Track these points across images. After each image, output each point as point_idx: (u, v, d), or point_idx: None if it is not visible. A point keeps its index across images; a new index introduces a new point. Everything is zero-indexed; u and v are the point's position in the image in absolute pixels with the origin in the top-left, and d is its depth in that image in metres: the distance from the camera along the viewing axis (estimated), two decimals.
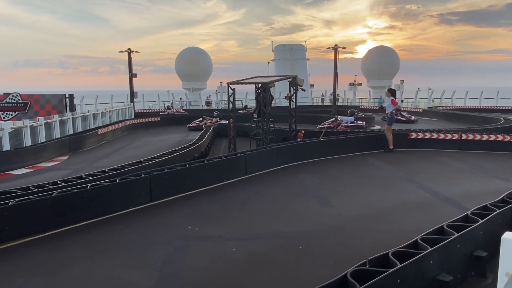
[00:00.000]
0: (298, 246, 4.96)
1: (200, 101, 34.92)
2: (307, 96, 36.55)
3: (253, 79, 11.95)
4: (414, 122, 21.06)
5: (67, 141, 13.71)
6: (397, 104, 12.07)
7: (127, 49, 25.79)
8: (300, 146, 10.87)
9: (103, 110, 20.63)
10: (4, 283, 4.10)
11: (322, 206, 6.77)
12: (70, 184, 6.56)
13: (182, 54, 38.49)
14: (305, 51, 43.11)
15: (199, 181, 7.59)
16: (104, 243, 5.22)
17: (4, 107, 16.59)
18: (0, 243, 4.98)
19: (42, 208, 5.52)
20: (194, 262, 4.58)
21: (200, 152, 11.12)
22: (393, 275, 3.10)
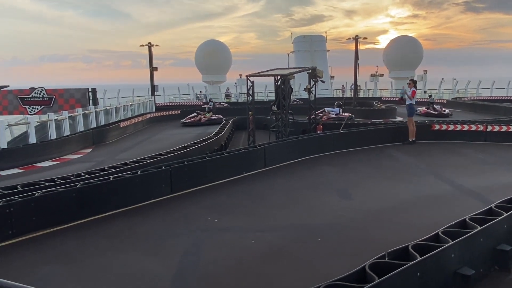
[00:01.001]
0: (316, 238, 4.95)
1: (220, 94, 35.04)
2: (327, 88, 36.18)
3: (272, 71, 11.91)
4: (448, 116, 19.05)
5: (90, 134, 14.03)
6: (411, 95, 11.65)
7: (148, 43, 26.06)
8: (319, 139, 10.79)
9: (125, 103, 20.98)
10: (31, 271, 4.26)
11: (342, 199, 6.72)
12: (93, 176, 6.73)
13: (201, 47, 38.61)
14: (325, 42, 42.56)
15: (218, 173, 7.65)
16: (126, 233, 5.34)
17: (30, 101, 17.09)
18: (28, 233, 5.16)
19: (67, 199, 5.68)
20: (213, 253, 4.63)
21: (220, 144, 11.19)
22: (412, 268, 3.06)
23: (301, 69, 12.30)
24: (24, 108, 16.95)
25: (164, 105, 27.22)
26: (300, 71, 12.10)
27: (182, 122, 19.20)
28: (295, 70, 12.10)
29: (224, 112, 21.67)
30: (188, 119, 19.24)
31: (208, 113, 19.58)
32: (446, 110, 20.40)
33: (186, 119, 19.40)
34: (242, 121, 16.37)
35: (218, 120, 18.74)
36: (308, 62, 37.93)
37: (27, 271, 4.22)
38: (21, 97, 17.04)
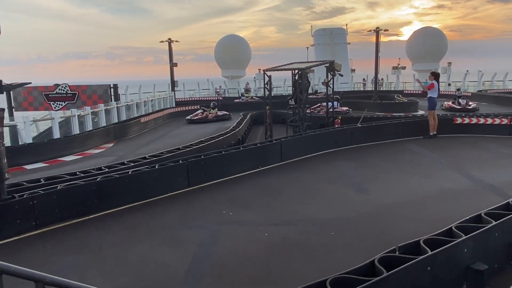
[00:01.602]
0: (330, 232, 4.96)
1: (239, 88, 35.14)
2: (347, 81, 35.77)
3: (289, 65, 11.88)
4: (473, 111, 17.04)
5: (112, 129, 14.37)
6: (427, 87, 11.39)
7: (168, 39, 26.36)
8: (337, 133, 10.73)
9: (146, 99, 21.34)
10: (53, 260, 4.44)
11: (357, 193, 6.69)
12: (113, 170, 6.92)
13: (221, 42, 38.77)
14: (345, 35, 42.04)
15: (234, 168, 7.73)
16: (144, 225, 5.48)
17: (55, 97, 17.61)
18: (50, 224, 5.37)
19: (87, 192, 5.87)
20: (227, 245, 4.72)
21: (237, 139, 11.28)
22: (422, 262, 3.05)
23: (319, 62, 12.22)
24: (49, 104, 17.49)
25: (184, 100, 27.53)
26: (318, 65, 12.03)
27: (188, 120, 18.56)
28: (313, 64, 12.03)
29: (245, 107, 21.77)
30: (194, 116, 18.66)
31: (213, 110, 19.09)
32: (472, 104, 18.85)
33: (193, 116, 18.79)
34: (260, 115, 16.41)
35: (225, 116, 18.52)
36: (328, 55, 37.57)
37: (49, 261, 4.41)
38: (46, 94, 17.59)
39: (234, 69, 37.78)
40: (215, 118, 18.41)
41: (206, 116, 18.35)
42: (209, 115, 18.48)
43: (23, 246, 4.84)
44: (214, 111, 19.00)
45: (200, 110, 19.09)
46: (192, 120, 18.32)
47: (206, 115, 18.45)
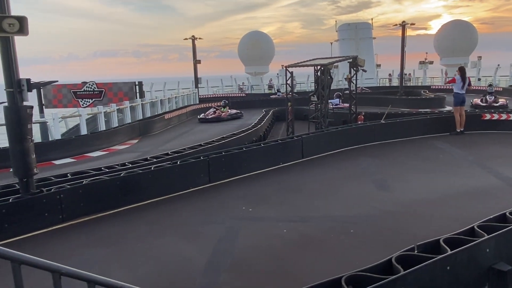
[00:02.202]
0: (349, 230, 4.92)
1: (262, 85, 35.13)
2: (372, 76, 35.14)
3: (311, 61, 11.78)
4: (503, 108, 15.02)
5: (137, 126, 14.68)
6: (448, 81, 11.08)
7: (191, 37, 26.61)
8: (360, 129, 10.57)
9: (170, 96, 21.66)
10: (78, 252, 4.61)
11: (379, 190, 6.59)
12: (136, 166, 7.09)
13: (244, 39, 38.81)
14: (371, 30, 41.24)
15: (255, 164, 7.76)
16: (165, 220, 5.61)
17: (82, 95, 18.15)
18: (76, 218, 5.56)
19: (111, 187, 6.05)
20: (246, 241, 4.76)
21: (259, 135, 11.31)
22: (442, 261, 2.98)
23: (342, 58, 12.07)
24: (77, 101, 18.04)
25: (207, 97, 27.78)
26: (340, 60, 11.89)
27: (201, 119, 17.93)
28: (335, 60, 11.90)
29: (267, 103, 21.74)
30: (208, 115, 17.98)
31: (224, 108, 18.54)
32: (501, 100, 17.09)
33: (206, 115, 18.11)
34: (282, 112, 16.39)
35: (238, 114, 18.20)
36: (353, 50, 36.98)
37: (74, 253, 4.58)
38: (74, 91, 18.14)
39: (258, 66, 37.76)
40: (229, 116, 18.00)
41: (219, 115, 17.88)
42: (222, 114, 18.02)
43: (50, 239, 5.04)
44: (226, 109, 18.53)
45: (213, 109, 18.61)
46: (206, 119, 17.73)
47: (219, 114, 17.98)
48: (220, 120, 17.40)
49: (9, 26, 4.50)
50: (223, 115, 17.85)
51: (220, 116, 17.71)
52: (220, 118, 17.60)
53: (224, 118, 17.68)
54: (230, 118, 17.77)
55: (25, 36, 4.74)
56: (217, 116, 17.77)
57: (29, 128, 5.29)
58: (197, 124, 17.53)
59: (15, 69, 5.01)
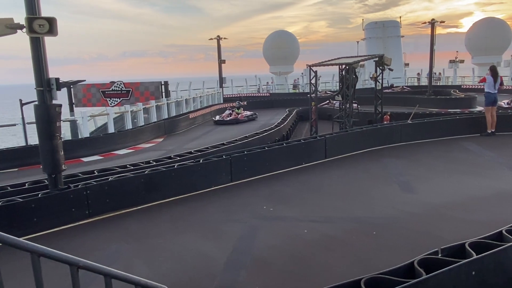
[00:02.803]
0: (371, 232, 4.83)
1: (286, 84, 35.02)
2: (400, 76, 34.42)
3: (336, 60, 11.65)
4: None
5: (162, 125, 14.94)
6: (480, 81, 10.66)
7: (216, 37, 26.84)
8: (385, 129, 10.36)
9: (195, 95, 21.91)
10: (102, 247, 4.73)
11: (404, 192, 6.43)
12: (160, 163, 7.22)
13: (269, 38, 38.79)
14: (399, 28, 40.41)
15: (277, 164, 7.74)
16: (187, 217, 5.67)
17: (111, 94, 18.61)
18: (102, 213, 5.71)
19: (136, 184, 6.17)
20: (266, 240, 4.75)
21: (281, 135, 11.28)
22: (466, 266, 2.88)
23: (367, 56, 11.87)
24: (105, 100, 18.52)
25: (231, 97, 27.95)
26: (366, 59, 11.69)
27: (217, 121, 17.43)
28: (361, 58, 11.71)
29: (290, 103, 21.66)
30: (226, 117, 17.43)
31: (238, 109, 18.01)
32: None
33: (224, 116, 17.55)
34: (306, 111, 16.27)
35: (253, 116, 17.88)
36: (380, 49, 36.34)
37: (98, 248, 4.70)
38: (103, 90, 18.63)
39: (282, 65, 37.66)
40: (245, 118, 17.53)
41: (236, 117, 17.39)
42: (238, 116, 17.53)
43: (77, 233, 5.20)
44: (240, 110, 18.04)
45: (228, 111, 18.13)
46: (224, 121, 17.17)
47: (235, 116, 17.47)
48: (238, 122, 17.00)
49: (39, 27, 4.66)
50: (239, 117, 17.43)
51: (237, 118, 17.33)
52: (238, 120, 17.22)
53: (241, 120, 17.30)
54: (247, 120, 17.42)
55: (54, 36, 4.90)
56: (234, 118, 17.36)
57: (58, 125, 5.47)
58: (221, 123, 17.63)
59: (45, 69, 5.20)
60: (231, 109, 18.14)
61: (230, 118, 17.28)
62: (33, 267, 1.53)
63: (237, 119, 17.15)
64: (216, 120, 17.52)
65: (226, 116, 17.53)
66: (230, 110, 18.08)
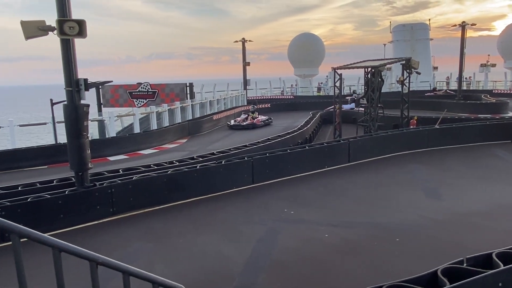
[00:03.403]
0: (394, 238, 4.73)
1: (311, 87, 34.78)
2: (428, 79, 33.58)
3: (362, 63, 11.48)
4: None
5: (186, 126, 15.11)
6: None
7: (241, 39, 26.96)
8: (411, 134, 10.13)
9: (219, 97, 22.06)
10: (125, 244, 4.82)
11: (429, 199, 6.27)
12: (183, 164, 7.30)
13: (294, 41, 38.64)
14: (428, 31, 39.42)
15: (299, 166, 7.69)
16: (207, 218, 5.71)
17: (137, 95, 18.97)
18: (125, 211, 5.82)
19: (159, 184, 6.26)
20: (285, 243, 4.73)
21: (304, 138, 11.20)
22: (494, 276, 2.78)
23: (394, 59, 11.65)
24: (132, 101, 18.91)
25: (255, 99, 27.98)
26: (393, 62, 11.48)
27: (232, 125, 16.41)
28: (387, 61, 11.50)
29: (312, 106, 21.48)
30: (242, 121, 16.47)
31: (253, 113, 17.05)
32: None
33: (241, 121, 16.55)
34: (330, 114, 16.11)
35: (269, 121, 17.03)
36: (408, 52, 35.56)
37: (121, 246, 4.80)
38: (130, 91, 19.02)
39: (307, 68, 37.41)
40: (261, 123, 16.47)
41: (252, 121, 16.34)
42: (254, 120, 16.45)
43: (100, 230, 5.32)
44: (255, 115, 16.97)
45: (244, 115, 17.14)
46: (241, 126, 16.13)
47: (251, 120, 16.40)
48: (255, 127, 16.01)
49: (69, 29, 4.82)
50: (256, 121, 16.41)
51: (254, 123, 16.28)
52: (255, 124, 16.18)
53: (258, 125, 16.23)
54: (263, 125, 16.44)
55: (84, 38, 5.04)
56: (251, 122, 16.32)
57: (85, 125, 5.62)
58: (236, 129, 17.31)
59: (74, 70, 5.36)
60: (247, 113, 17.32)
61: (247, 122, 16.32)
62: (54, 262, 1.58)
63: (253, 124, 16.23)
64: (232, 124, 16.48)
65: (242, 121, 16.59)
66: (245, 114, 17.22)
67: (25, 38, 4.93)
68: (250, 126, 16.00)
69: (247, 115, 16.89)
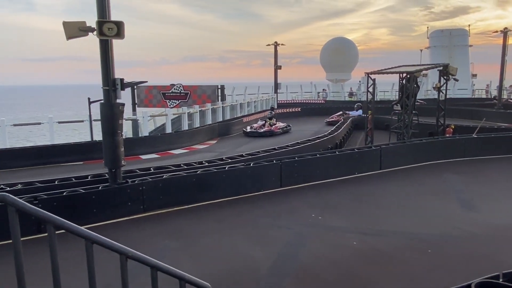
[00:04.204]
0: (427, 249, 4.57)
1: (342, 92, 34.33)
2: (466, 87, 32.40)
3: (397, 68, 11.22)
4: None
5: (216, 127, 15.27)
6: None
7: (274, 43, 27.00)
8: (447, 143, 9.78)
9: (249, 100, 22.18)
10: (153, 241, 4.92)
11: (464, 210, 6.02)
12: (212, 165, 7.38)
13: (327, 45, 38.31)
14: (467, 37, 38.07)
15: (328, 172, 7.59)
16: (235, 219, 5.73)
17: (170, 96, 19.38)
18: (155, 209, 5.94)
19: (188, 183, 6.35)
20: (312, 248, 4.67)
21: (334, 143, 11.05)
22: None
23: (431, 65, 11.30)
24: (165, 102, 19.34)
25: (285, 102, 27.92)
26: (429, 68, 11.15)
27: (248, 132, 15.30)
28: (423, 67, 11.18)
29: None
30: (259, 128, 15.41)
31: (271, 119, 16.04)
32: None
33: (257, 127, 15.49)
34: (361, 120, 15.83)
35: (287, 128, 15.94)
36: (446, 58, 34.45)
37: (149, 242, 4.89)
38: (163, 92, 19.47)
39: (339, 73, 36.98)
40: (280, 130, 15.39)
41: (270, 128, 15.28)
42: (272, 127, 15.42)
43: (131, 226, 5.45)
44: (273, 121, 15.97)
45: (261, 121, 16.09)
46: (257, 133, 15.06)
47: (269, 127, 15.37)
48: (272, 135, 14.88)
49: (108, 30, 4.98)
50: (273, 128, 15.32)
51: (272, 130, 15.18)
52: (272, 132, 15.07)
53: (276, 132, 15.12)
54: (282, 132, 15.31)
55: (121, 39, 5.20)
56: (268, 129, 15.20)
57: (120, 123, 5.79)
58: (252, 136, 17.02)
59: (111, 70, 5.53)
60: (264, 119, 16.24)
61: (264, 129, 15.20)
62: (86, 253, 1.62)
63: (271, 131, 15.08)
64: (248, 131, 15.34)
65: (258, 127, 15.47)
66: (262, 121, 16.12)
67: (66, 38, 5.14)
68: (267, 134, 14.92)
69: (264, 122, 15.93)
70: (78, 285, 2.58)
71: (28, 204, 1.46)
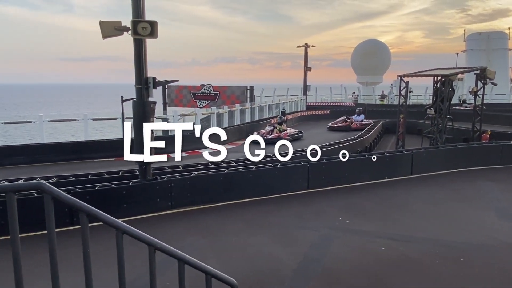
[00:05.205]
0: (459, 258, 4.40)
1: (373, 95, 33.69)
2: (505, 92, 31.09)
3: (431, 71, 10.89)
4: None
5: (244, 128, 15.32)
6: None
7: (304, 44, 26.88)
8: (482, 149, 9.41)
9: (278, 101, 22.16)
10: (180, 237, 4.99)
11: (500, 219, 5.76)
12: (239, 164, 7.41)
13: (358, 48, 37.73)
14: (507, 40, 36.54)
15: (357, 175, 7.47)
16: (261, 219, 5.73)
17: (200, 96, 19.66)
18: (182, 206, 6.03)
19: (215, 182, 6.41)
20: (338, 252, 4.60)
21: (364, 146, 10.86)
22: None
23: (467, 69, 10.91)
24: (195, 101, 19.62)
25: (314, 105, 27.69)
26: (465, 71, 10.78)
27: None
28: (459, 70, 10.80)
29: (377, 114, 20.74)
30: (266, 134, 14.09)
31: (281, 125, 14.97)
32: None
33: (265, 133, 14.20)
34: (393, 124, 15.46)
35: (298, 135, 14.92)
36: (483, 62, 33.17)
37: (176, 239, 4.95)
38: (193, 92, 19.77)
39: (371, 75, 36.32)
40: (289, 137, 13.77)
41: (279, 135, 13.98)
42: (281, 134, 14.17)
43: (159, 222, 5.55)
44: (282, 127, 14.83)
45: (270, 127, 15.06)
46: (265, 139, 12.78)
47: (278, 134, 14.18)
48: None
49: (142, 30, 5.11)
50: (282, 135, 14.04)
51: (280, 136, 13.63)
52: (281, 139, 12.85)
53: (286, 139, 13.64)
54: (292, 140, 13.08)
55: (155, 39, 5.32)
56: (276, 136, 13.74)
57: (151, 121, 5.91)
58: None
59: (144, 69, 5.67)
60: (273, 125, 15.17)
61: (271, 136, 13.86)
62: (117, 243, 1.67)
63: (279, 138, 12.80)
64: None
65: (266, 133, 14.27)
66: (271, 127, 15.03)
67: (102, 37, 5.30)
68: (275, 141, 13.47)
69: (272, 127, 14.83)
70: (107, 275, 2.66)
71: (63, 192, 1.51)
